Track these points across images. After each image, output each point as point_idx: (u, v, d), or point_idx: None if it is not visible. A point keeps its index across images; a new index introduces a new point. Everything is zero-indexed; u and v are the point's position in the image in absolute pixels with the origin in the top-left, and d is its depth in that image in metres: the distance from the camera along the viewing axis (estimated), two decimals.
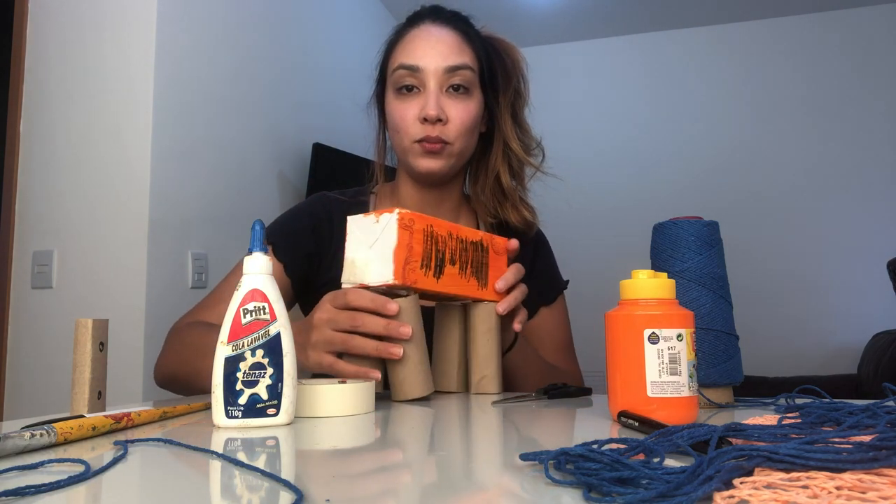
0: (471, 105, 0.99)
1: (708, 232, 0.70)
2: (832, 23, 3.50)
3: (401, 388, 0.74)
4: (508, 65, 1.07)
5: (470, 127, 0.99)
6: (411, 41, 1.00)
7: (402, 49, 1.00)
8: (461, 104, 0.98)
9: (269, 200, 2.29)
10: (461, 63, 0.98)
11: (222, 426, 0.57)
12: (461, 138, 0.98)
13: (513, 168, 1.06)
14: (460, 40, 1.00)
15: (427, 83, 0.97)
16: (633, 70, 3.78)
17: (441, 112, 0.96)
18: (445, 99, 0.97)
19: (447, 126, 0.97)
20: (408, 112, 0.97)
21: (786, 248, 3.44)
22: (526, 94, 1.09)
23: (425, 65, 0.97)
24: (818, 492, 0.31)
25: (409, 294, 0.76)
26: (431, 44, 0.98)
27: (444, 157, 0.98)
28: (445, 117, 0.96)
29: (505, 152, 1.05)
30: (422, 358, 0.75)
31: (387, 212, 0.76)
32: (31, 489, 0.35)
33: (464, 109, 0.98)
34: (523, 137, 1.07)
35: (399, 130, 0.99)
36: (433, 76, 0.97)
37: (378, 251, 0.75)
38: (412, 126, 0.97)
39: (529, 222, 1.07)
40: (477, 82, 1.00)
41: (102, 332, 0.65)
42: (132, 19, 1.81)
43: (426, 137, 0.96)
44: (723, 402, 0.68)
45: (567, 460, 0.37)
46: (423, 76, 0.97)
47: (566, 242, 3.56)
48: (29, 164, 1.84)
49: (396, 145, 1.02)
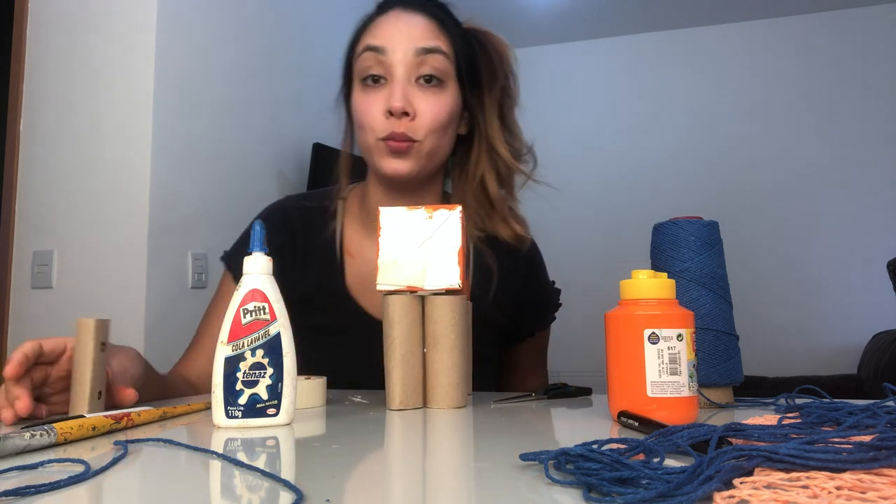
0: (444, 98, 0.88)
1: (708, 232, 0.70)
2: (832, 23, 3.50)
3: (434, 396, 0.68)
4: (495, 60, 0.95)
5: (443, 123, 0.88)
6: (378, 25, 0.90)
7: (368, 33, 0.91)
8: (432, 97, 0.87)
9: (269, 200, 2.28)
10: (433, 46, 0.87)
11: (222, 426, 0.57)
12: (431, 136, 0.87)
13: (500, 175, 0.95)
14: (434, 25, 0.89)
15: (394, 71, 0.86)
16: (633, 70, 3.78)
17: (408, 104, 0.85)
18: (415, 91, 0.87)
19: (415, 121, 0.86)
20: (372, 105, 0.87)
21: (786, 248, 3.44)
22: (516, 94, 0.98)
23: (392, 47, 0.86)
24: (818, 492, 0.31)
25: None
26: (400, 28, 0.88)
27: (413, 157, 0.87)
28: (413, 111, 0.86)
29: (490, 156, 0.94)
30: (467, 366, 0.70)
31: (443, 208, 0.71)
32: (31, 489, 0.35)
33: (435, 103, 0.87)
34: (512, 141, 0.96)
35: (363, 126, 0.89)
36: (401, 62, 0.86)
37: (434, 251, 0.69)
38: (377, 121, 0.87)
39: (520, 237, 0.96)
40: (452, 73, 0.89)
41: (104, 333, 0.65)
42: (132, 19, 1.81)
43: (391, 135, 0.85)
44: (723, 402, 0.68)
45: (567, 460, 0.37)
46: (390, 62, 0.86)
47: (566, 243, 3.58)
48: (29, 164, 1.84)
49: (361, 143, 0.92)
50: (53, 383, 0.66)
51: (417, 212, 0.71)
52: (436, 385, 0.68)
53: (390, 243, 0.71)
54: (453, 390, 0.68)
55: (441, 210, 0.71)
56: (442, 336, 0.68)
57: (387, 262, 0.70)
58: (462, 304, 0.69)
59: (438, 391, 0.68)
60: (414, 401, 0.68)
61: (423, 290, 0.69)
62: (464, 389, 0.69)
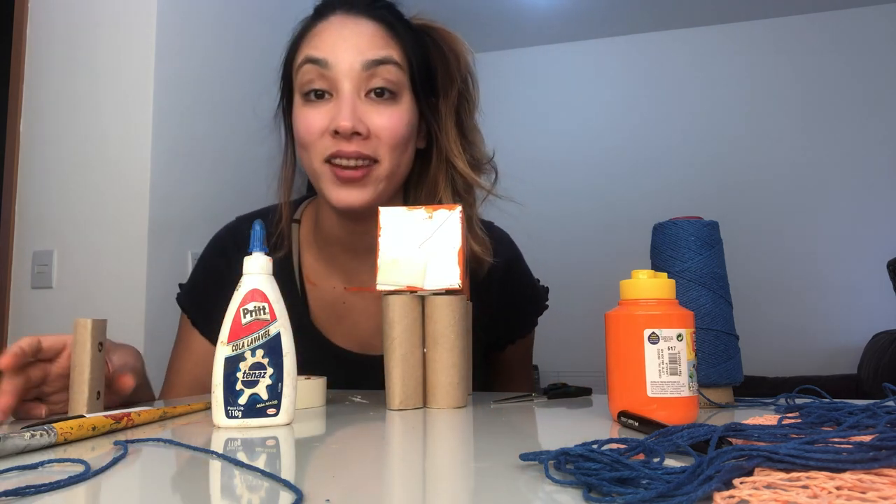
0: (399, 112, 0.79)
1: (708, 232, 0.70)
2: (832, 23, 3.50)
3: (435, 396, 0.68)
4: (451, 61, 0.85)
5: (402, 140, 0.79)
6: (318, 33, 0.80)
7: (307, 42, 0.81)
8: (386, 111, 0.78)
9: (269, 201, 2.28)
10: (383, 56, 0.78)
11: (222, 426, 0.57)
12: (391, 156, 0.78)
13: (458, 192, 0.85)
14: (382, 31, 0.80)
15: (340, 86, 0.77)
16: (633, 70, 3.78)
17: (358, 123, 0.75)
18: (365, 107, 0.77)
19: (369, 140, 0.77)
20: (314, 122, 0.77)
21: (786, 247, 3.44)
22: (475, 98, 0.88)
23: (336, 59, 0.77)
24: (818, 492, 0.31)
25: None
26: (345, 36, 0.78)
27: (369, 185, 0.77)
28: (366, 129, 0.76)
29: (448, 173, 0.85)
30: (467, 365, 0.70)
31: (443, 208, 0.70)
32: (31, 489, 0.35)
33: (390, 117, 0.78)
34: (472, 152, 0.87)
35: (306, 147, 0.79)
36: (347, 76, 0.77)
37: (433, 251, 0.69)
38: (320, 140, 0.77)
39: (479, 259, 0.85)
40: (406, 83, 0.80)
41: (102, 332, 0.65)
42: (132, 19, 1.81)
43: (339, 153, 0.76)
44: (723, 402, 0.68)
45: (567, 460, 0.37)
46: (335, 76, 0.77)
47: (566, 243, 3.59)
48: (29, 164, 1.84)
49: (306, 166, 0.82)
50: (52, 381, 0.66)
51: (417, 212, 0.71)
52: (436, 385, 0.68)
53: (390, 243, 0.70)
54: (453, 390, 0.68)
55: (441, 210, 0.71)
56: (442, 336, 0.68)
57: (387, 262, 0.70)
58: (462, 304, 0.69)
59: (438, 391, 0.68)
60: (414, 401, 0.68)
61: (423, 290, 0.69)
62: (464, 389, 0.69)
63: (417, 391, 0.68)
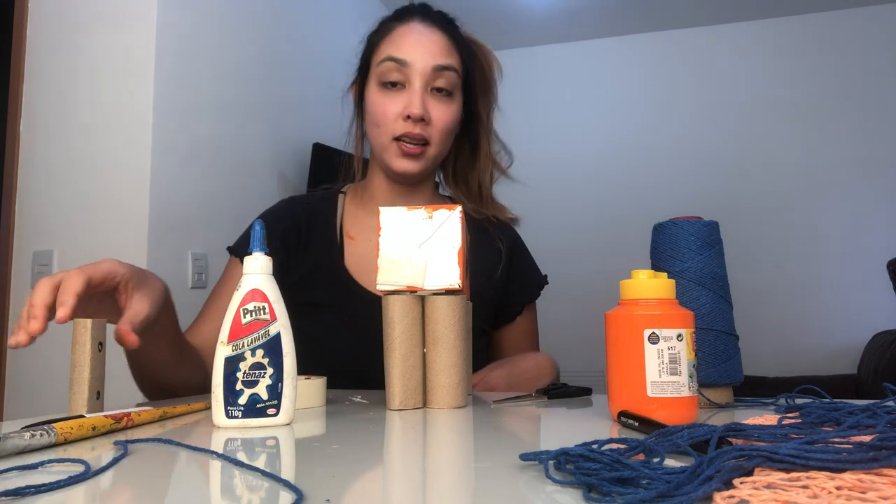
0: (453, 108, 0.99)
1: (708, 232, 0.70)
2: (832, 23, 3.50)
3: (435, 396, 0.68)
4: (486, 70, 1.08)
5: (450, 130, 1.00)
6: (401, 36, 0.99)
7: (390, 42, 0.99)
8: (444, 106, 0.98)
9: (269, 201, 2.28)
10: (448, 64, 0.98)
11: (222, 426, 0.57)
12: (441, 141, 0.99)
13: (484, 170, 1.09)
14: (448, 42, 1.00)
15: (413, 80, 0.96)
16: (633, 70, 3.78)
17: (425, 111, 0.96)
18: (429, 99, 0.97)
19: (429, 126, 0.97)
20: (390, 107, 0.97)
21: (786, 247, 3.44)
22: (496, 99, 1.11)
23: (413, 60, 0.96)
24: (818, 492, 0.31)
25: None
26: (422, 42, 0.98)
27: (423, 160, 0.98)
28: (429, 117, 0.96)
29: (480, 155, 1.08)
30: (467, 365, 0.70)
31: (443, 208, 0.71)
32: (31, 489, 0.35)
33: (446, 111, 0.98)
34: (497, 142, 1.10)
35: (379, 125, 0.98)
36: (420, 74, 0.96)
37: (434, 251, 0.69)
38: (393, 122, 0.96)
39: (511, 217, 1.12)
40: (460, 86, 1.01)
41: (101, 332, 0.65)
42: (132, 19, 1.81)
43: (407, 134, 0.96)
44: (723, 402, 0.68)
45: (567, 460, 0.37)
46: (410, 72, 0.96)
47: (567, 242, 3.58)
48: (29, 164, 1.84)
49: (374, 140, 1.01)
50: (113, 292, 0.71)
51: (417, 212, 0.71)
52: (436, 385, 0.68)
53: (390, 243, 0.70)
54: (453, 390, 0.68)
55: (441, 210, 0.71)
56: (442, 336, 0.68)
57: (387, 262, 0.70)
58: (462, 304, 0.69)
59: (438, 391, 0.68)
60: (414, 401, 0.68)
61: (423, 290, 0.69)
62: (464, 389, 0.69)
63: (417, 391, 0.68)
